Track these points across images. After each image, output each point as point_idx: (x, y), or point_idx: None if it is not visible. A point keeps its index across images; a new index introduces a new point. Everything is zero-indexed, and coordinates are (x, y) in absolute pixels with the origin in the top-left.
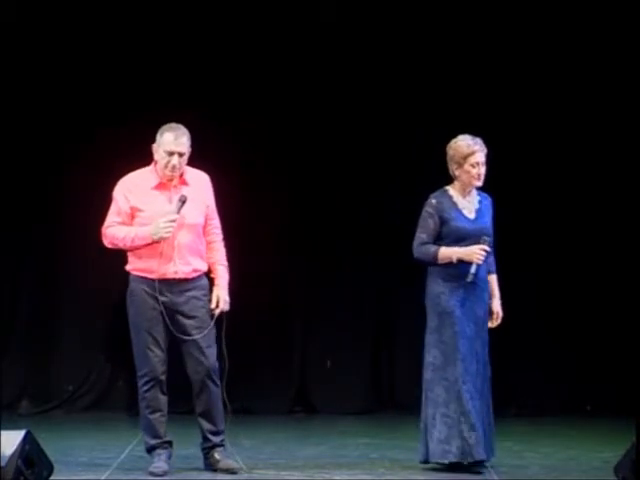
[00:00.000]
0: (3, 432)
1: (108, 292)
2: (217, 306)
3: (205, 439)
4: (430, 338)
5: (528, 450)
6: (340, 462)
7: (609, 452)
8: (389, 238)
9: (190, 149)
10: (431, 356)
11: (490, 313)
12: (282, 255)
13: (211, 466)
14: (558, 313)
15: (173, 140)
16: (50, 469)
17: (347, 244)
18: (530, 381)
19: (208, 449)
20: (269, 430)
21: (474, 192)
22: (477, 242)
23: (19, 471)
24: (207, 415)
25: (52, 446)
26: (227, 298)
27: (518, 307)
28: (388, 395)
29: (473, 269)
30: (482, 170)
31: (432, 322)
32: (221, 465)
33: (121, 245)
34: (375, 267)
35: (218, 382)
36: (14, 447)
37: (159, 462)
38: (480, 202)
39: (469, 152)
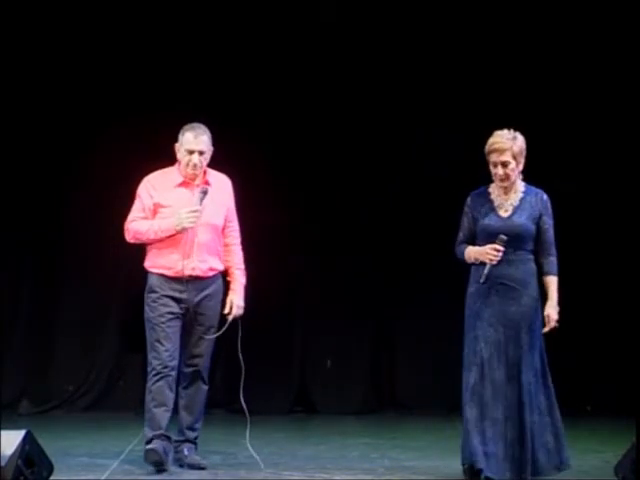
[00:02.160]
0: (3, 432)
1: (109, 292)
2: (230, 312)
3: (180, 432)
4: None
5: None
6: (340, 462)
7: (609, 452)
8: (389, 238)
9: (212, 148)
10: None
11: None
12: (282, 255)
13: (178, 461)
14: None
15: (193, 139)
16: (50, 469)
17: (347, 244)
18: None
19: (180, 443)
20: (269, 430)
21: (519, 189)
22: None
23: (19, 471)
24: (189, 409)
25: (52, 446)
26: (241, 303)
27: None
28: (388, 395)
29: (486, 269)
30: (503, 171)
31: (465, 324)
32: (188, 460)
33: (144, 238)
34: (375, 267)
35: (207, 382)
36: (14, 447)
37: (153, 453)
38: (522, 199)
39: (489, 150)
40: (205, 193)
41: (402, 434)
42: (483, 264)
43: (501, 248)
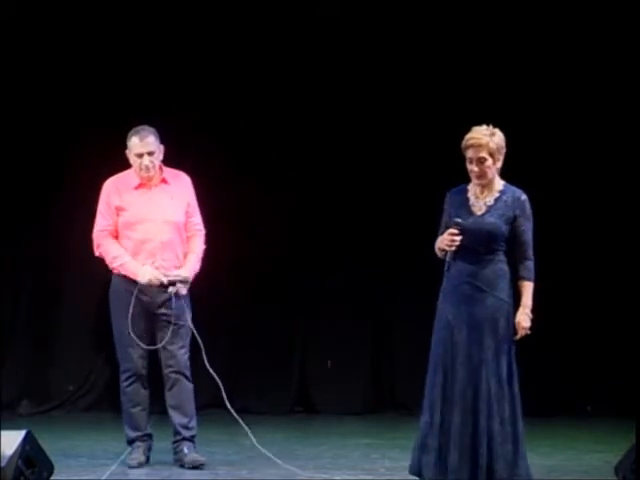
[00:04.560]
0: (3, 432)
1: (108, 292)
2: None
3: (176, 433)
4: None
5: (528, 450)
6: (340, 462)
7: (609, 452)
8: (390, 238)
9: (161, 146)
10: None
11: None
12: (282, 255)
13: (179, 461)
14: (558, 313)
15: (139, 142)
16: (50, 469)
17: (347, 244)
18: (530, 381)
19: (178, 442)
20: (269, 430)
21: (496, 187)
22: (476, 240)
23: (19, 471)
24: (179, 409)
25: (52, 446)
26: (185, 274)
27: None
28: (388, 395)
29: (448, 257)
30: (479, 168)
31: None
32: (187, 459)
33: (108, 262)
34: (376, 267)
35: (191, 378)
36: (14, 447)
37: (136, 454)
38: (498, 199)
39: (463, 147)
40: (176, 294)
41: (402, 434)
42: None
43: (455, 231)
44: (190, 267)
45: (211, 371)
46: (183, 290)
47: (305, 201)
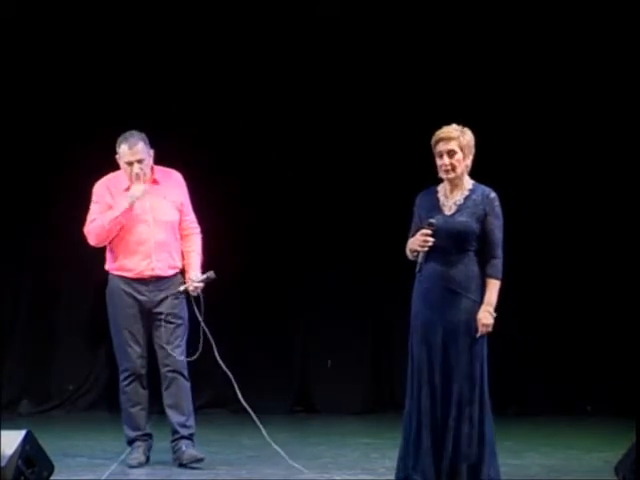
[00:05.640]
0: (3, 432)
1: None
2: (186, 290)
3: (174, 432)
4: None
5: (528, 450)
6: (340, 462)
7: (609, 452)
8: (389, 238)
9: (151, 151)
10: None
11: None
12: (282, 255)
13: (178, 459)
14: (558, 313)
15: (128, 150)
16: (50, 469)
17: (347, 244)
18: (530, 381)
19: (176, 441)
20: (269, 430)
21: (466, 186)
22: (448, 240)
23: (19, 471)
24: (176, 408)
25: (52, 446)
26: (197, 277)
27: (517, 307)
28: (388, 395)
29: (420, 258)
30: (449, 161)
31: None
32: (185, 456)
33: (105, 230)
34: (375, 267)
35: (188, 377)
36: (14, 447)
37: (136, 454)
38: (467, 198)
39: (434, 142)
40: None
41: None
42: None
43: (429, 232)
44: (195, 264)
45: (224, 367)
46: (192, 287)
47: (305, 201)
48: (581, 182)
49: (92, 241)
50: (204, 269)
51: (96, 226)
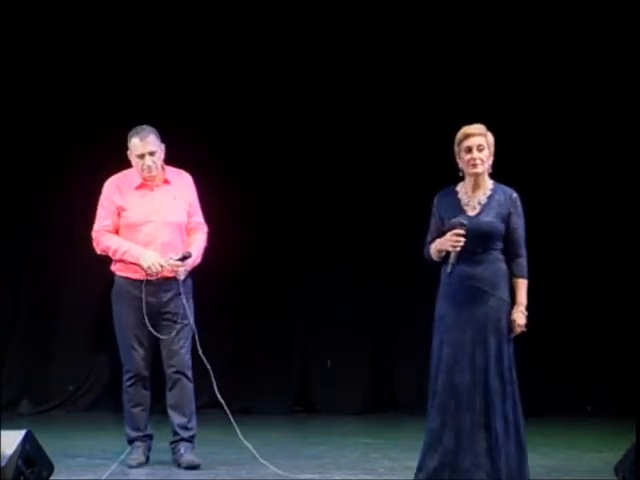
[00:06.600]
0: (3, 432)
1: (108, 292)
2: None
3: (174, 433)
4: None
5: (528, 450)
6: (340, 462)
7: (609, 452)
8: (390, 238)
9: (162, 145)
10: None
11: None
12: (282, 255)
13: (176, 461)
14: (558, 313)
15: (140, 142)
16: (50, 469)
17: (348, 244)
18: (530, 381)
19: (176, 443)
20: (269, 430)
21: (487, 186)
22: (474, 240)
23: (19, 471)
24: (178, 409)
25: (52, 446)
26: (189, 250)
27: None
28: (388, 395)
29: (452, 259)
30: (479, 155)
31: (433, 327)
32: (183, 460)
33: (111, 254)
34: (375, 267)
35: (191, 379)
36: (14, 447)
37: (136, 454)
38: (490, 197)
39: (462, 137)
40: (185, 258)
41: (402, 434)
42: (448, 257)
43: (462, 232)
44: (193, 248)
45: (204, 359)
46: (182, 275)
47: (305, 201)
48: (580, 182)
49: (97, 251)
50: (204, 268)
51: (105, 246)
